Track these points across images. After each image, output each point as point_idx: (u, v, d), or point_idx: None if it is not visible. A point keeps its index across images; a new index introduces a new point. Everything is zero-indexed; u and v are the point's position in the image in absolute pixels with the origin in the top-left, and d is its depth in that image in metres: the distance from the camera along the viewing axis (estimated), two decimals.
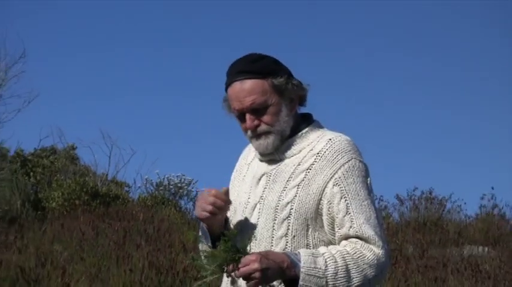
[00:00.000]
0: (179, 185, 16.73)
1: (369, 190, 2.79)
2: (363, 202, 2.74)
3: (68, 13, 26.01)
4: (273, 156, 2.86)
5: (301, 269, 2.59)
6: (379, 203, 14.60)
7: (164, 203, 15.26)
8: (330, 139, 2.81)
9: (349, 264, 2.65)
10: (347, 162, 2.76)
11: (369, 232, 2.70)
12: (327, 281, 2.61)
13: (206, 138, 23.60)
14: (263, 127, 2.80)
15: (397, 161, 24.17)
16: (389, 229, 12.90)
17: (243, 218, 2.87)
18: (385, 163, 22.62)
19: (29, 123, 24.83)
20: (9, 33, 18.10)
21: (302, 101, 2.88)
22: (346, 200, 2.72)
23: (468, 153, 23.91)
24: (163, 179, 16.79)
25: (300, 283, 2.60)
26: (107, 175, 16.53)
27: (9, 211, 13.18)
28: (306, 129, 2.87)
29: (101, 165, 17.21)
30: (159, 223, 12.62)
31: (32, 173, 15.46)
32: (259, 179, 2.88)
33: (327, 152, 2.78)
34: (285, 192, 2.79)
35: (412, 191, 14.39)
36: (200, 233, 2.87)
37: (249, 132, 2.83)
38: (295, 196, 2.77)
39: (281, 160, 2.85)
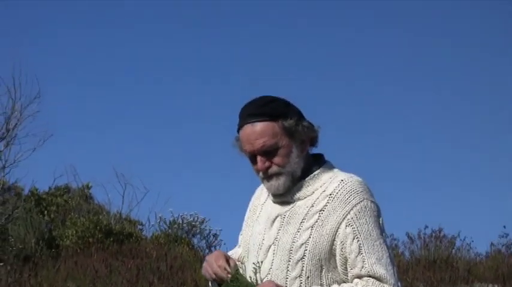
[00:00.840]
0: (192, 223, 16.63)
1: (381, 230, 2.82)
2: (375, 242, 2.78)
3: (79, 55, 26.30)
4: (285, 197, 2.90)
5: None
6: (390, 242, 14.47)
7: (177, 241, 15.21)
8: (342, 180, 2.85)
9: None
10: (359, 203, 2.80)
11: (380, 271, 2.75)
12: None
13: (219, 177, 23.66)
14: (274, 169, 2.84)
15: (407, 199, 24.12)
16: (400, 267, 12.55)
17: (257, 259, 2.93)
18: (395, 201, 22.61)
19: (43, 162, 24.85)
20: (25, 74, 18.23)
21: (313, 142, 2.91)
22: (358, 241, 2.76)
23: (477, 190, 23.88)
24: (177, 217, 16.64)
25: None
26: (120, 213, 16.45)
27: (23, 249, 13.14)
28: (318, 170, 2.90)
29: (115, 203, 17.10)
30: (172, 260, 12.56)
31: (46, 212, 15.33)
32: (274, 221, 2.92)
33: (339, 193, 2.81)
34: (299, 234, 2.83)
35: (422, 230, 14.33)
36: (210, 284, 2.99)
37: (261, 173, 2.88)
38: (309, 237, 2.81)
39: (294, 201, 2.88)
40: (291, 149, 2.83)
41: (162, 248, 13.89)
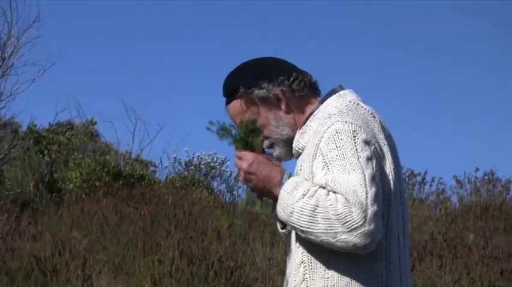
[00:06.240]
0: (211, 164, 16.80)
1: (358, 149, 2.69)
2: (347, 160, 2.68)
3: None
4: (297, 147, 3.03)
5: (280, 191, 2.76)
6: (437, 186, 14.64)
7: (194, 184, 15.17)
8: (324, 106, 2.93)
9: (319, 209, 2.63)
10: (328, 128, 2.75)
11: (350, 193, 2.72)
12: (291, 212, 2.69)
13: None
14: (266, 142, 2.99)
15: (456, 139, 23.62)
16: (447, 215, 12.86)
17: None
18: (442, 141, 22.29)
19: (43, 95, 24.56)
20: None
21: (298, 91, 2.94)
22: (328, 169, 2.70)
23: None
24: (193, 157, 16.89)
25: (277, 203, 2.78)
26: (130, 153, 16.45)
27: (21, 194, 13.03)
28: (317, 109, 2.94)
29: (124, 142, 17.00)
30: (189, 206, 12.53)
31: (46, 151, 15.42)
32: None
33: (317, 123, 2.89)
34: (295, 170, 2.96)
35: (472, 173, 14.21)
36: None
37: None
38: (300, 169, 2.89)
39: (303, 148, 2.95)
40: (266, 116, 2.96)
41: (177, 193, 13.81)
